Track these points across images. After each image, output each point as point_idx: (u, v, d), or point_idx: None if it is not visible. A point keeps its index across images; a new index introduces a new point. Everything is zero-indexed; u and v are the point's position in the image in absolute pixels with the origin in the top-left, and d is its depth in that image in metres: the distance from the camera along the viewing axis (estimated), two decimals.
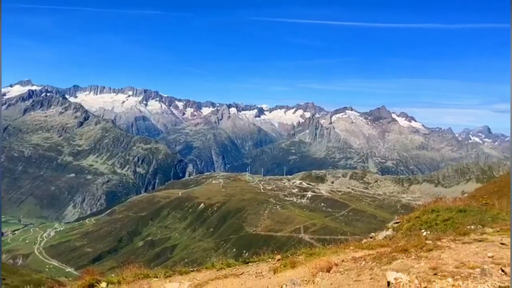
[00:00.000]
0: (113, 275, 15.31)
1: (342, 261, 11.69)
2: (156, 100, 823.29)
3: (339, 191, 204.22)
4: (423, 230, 16.39)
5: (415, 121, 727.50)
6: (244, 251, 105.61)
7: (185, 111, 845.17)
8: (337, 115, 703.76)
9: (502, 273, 8.05)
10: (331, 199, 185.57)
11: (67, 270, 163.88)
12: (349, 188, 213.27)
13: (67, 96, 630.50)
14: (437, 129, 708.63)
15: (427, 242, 11.76)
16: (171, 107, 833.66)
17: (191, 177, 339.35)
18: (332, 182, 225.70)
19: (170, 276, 14.53)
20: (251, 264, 14.58)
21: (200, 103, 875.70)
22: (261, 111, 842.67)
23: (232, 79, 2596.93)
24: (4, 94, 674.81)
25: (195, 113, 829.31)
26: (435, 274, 8.60)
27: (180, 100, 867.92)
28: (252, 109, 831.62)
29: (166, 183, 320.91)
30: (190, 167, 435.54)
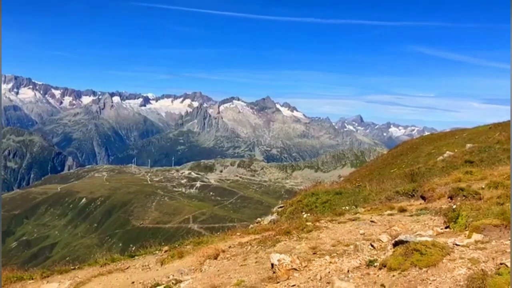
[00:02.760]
0: None
1: (229, 247, 11.94)
2: (29, 88, 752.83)
3: (228, 180, 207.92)
4: (304, 213, 17.43)
5: (297, 111, 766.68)
6: (131, 245, 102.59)
7: (63, 100, 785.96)
8: (225, 105, 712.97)
9: (372, 248, 8.90)
10: (219, 187, 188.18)
11: None
12: (237, 176, 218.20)
13: None
14: (316, 118, 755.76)
15: (308, 223, 12.53)
16: (46, 96, 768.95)
17: (71, 170, 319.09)
18: (221, 171, 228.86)
19: (48, 277, 13.66)
20: (137, 257, 14.24)
21: (80, 92, 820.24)
22: (147, 100, 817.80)
23: (114, 67, 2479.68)
24: None
25: (74, 102, 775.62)
26: (314, 253, 9.21)
27: (57, 88, 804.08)
28: (137, 98, 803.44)
29: (42, 178, 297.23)
30: (69, 160, 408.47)
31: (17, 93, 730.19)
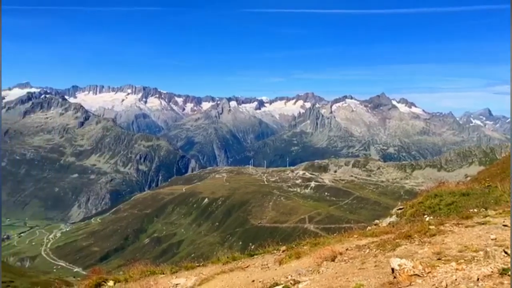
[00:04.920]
0: (120, 273, 15.47)
1: (347, 249, 11.75)
2: (156, 97, 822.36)
3: (342, 180, 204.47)
4: (426, 216, 16.43)
5: (415, 106, 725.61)
6: (250, 244, 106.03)
7: (185, 106, 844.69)
8: (337, 104, 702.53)
9: (505, 254, 8.09)
10: (334, 188, 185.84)
11: (74, 270, 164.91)
12: (352, 176, 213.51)
13: (66, 97, 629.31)
14: (437, 114, 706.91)
15: (430, 227, 11.80)
16: (170, 103, 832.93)
17: (194, 172, 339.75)
18: (335, 171, 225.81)
19: (177, 272, 14.65)
20: (256, 256, 14.68)
21: (200, 98, 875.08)
22: (261, 103, 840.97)
23: (229, 73, 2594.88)
24: (3, 98, 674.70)
25: (195, 108, 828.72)
26: (439, 259, 8.65)
27: (179, 96, 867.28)
28: (252, 102, 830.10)
29: (169, 180, 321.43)
30: (192, 163, 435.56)
31: (145, 102, 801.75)
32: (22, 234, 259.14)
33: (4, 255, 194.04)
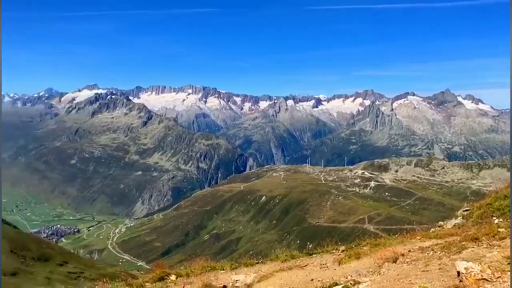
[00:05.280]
0: (181, 268, 15.94)
1: (409, 251, 11.43)
2: (215, 97, 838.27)
3: (404, 180, 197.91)
4: (495, 218, 15.60)
5: (483, 103, 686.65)
6: (308, 243, 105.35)
7: (243, 106, 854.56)
8: (399, 101, 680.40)
9: None
10: (395, 188, 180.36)
11: (138, 263, 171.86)
12: (414, 176, 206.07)
13: (130, 98, 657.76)
14: (507, 111, 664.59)
15: (500, 230, 11.21)
16: (229, 103, 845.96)
17: (252, 170, 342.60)
18: (396, 171, 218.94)
19: (236, 268, 14.90)
20: (315, 255, 14.62)
21: (257, 97, 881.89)
22: (318, 102, 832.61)
23: (286, 72, 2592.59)
24: (74, 99, 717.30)
25: (252, 107, 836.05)
26: (509, 264, 8.22)
27: (238, 96, 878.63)
28: (310, 100, 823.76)
29: (228, 177, 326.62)
30: (250, 161, 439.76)
31: (205, 102, 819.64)
32: (90, 228, 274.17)
33: (74, 247, 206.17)
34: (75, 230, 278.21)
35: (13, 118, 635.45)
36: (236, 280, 13.02)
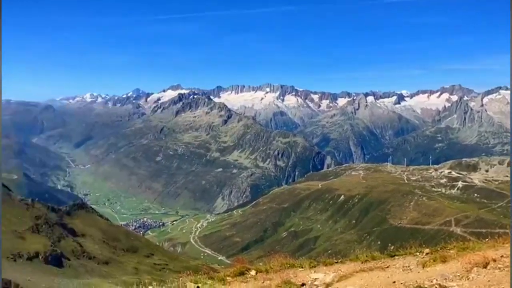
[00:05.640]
0: (260, 264, 16.24)
1: (501, 256, 10.70)
2: (292, 95, 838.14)
3: (496, 180, 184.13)
4: None
5: None
6: (389, 244, 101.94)
7: (321, 103, 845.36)
8: (490, 96, 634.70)
9: None
10: (486, 189, 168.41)
11: (219, 258, 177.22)
12: (507, 176, 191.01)
13: (211, 97, 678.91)
14: None
15: None
16: (306, 101, 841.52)
17: (330, 169, 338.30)
18: (487, 171, 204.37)
19: (315, 267, 14.86)
20: (397, 257, 14.18)
21: (336, 94, 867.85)
22: (401, 98, 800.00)
23: (366, 68, 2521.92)
24: (159, 99, 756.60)
25: (330, 104, 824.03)
26: None
27: (315, 93, 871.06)
28: (391, 96, 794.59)
29: (305, 175, 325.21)
30: (328, 159, 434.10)
31: (282, 100, 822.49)
32: (174, 222, 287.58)
33: (159, 240, 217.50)
34: (160, 223, 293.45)
35: (105, 118, 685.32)
36: (315, 279, 13.00)
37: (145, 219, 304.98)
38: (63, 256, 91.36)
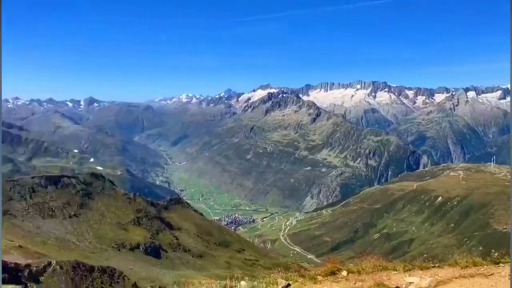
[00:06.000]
0: (351, 264, 15.99)
1: None
2: (385, 91, 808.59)
3: None
4: None
5: None
6: (492, 250, 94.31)
7: (416, 99, 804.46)
8: None
9: None
10: None
11: (308, 256, 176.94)
12: None
13: (300, 95, 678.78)
14: None
15: None
16: (400, 97, 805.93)
17: (426, 169, 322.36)
18: None
19: (410, 270, 14.30)
20: (502, 264, 13.17)
21: (432, 90, 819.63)
22: (506, 92, 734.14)
23: (464, 61, 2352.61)
24: (249, 99, 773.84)
25: (427, 100, 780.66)
26: None
27: (410, 89, 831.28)
28: (495, 91, 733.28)
29: (399, 175, 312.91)
30: (424, 158, 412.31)
31: (374, 97, 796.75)
32: (264, 219, 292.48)
33: (250, 236, 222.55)
34: (251, 220, 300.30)
35: (199, 118, 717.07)
36: (410, 283, 12.55)
37: (236, 215, 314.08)
38: (161, 248, 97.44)
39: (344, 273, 14.39)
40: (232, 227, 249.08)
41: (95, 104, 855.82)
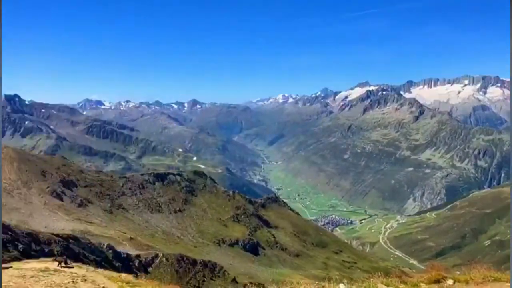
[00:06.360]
0: (458, 272, 14.91)
1: None
2: (497, 86, 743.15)
3: None
4: None
5: None
6: None
7: None
8: None
9: None
10: None
11: (410, 261, 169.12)
12: None
13: (401, 93, 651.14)
14: None
15: None
16: None
17: None
18: None
19: None
20: None
21: None
22: None
23: None
24: (346, 97, 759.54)
25: None
26: None
27: None
28: None
29: None
30: None
31: (484, 92, 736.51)
32: (363, 221, 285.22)
33: (347, 237, 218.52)
34: (348, 221, 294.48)
35: (295, 117, 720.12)
36: None
37: (333, 216, 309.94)
38: (258, 245, 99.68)
39: (450, 281, 13.50)
40: (329, 228, 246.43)
41: (198, 106, 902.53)
